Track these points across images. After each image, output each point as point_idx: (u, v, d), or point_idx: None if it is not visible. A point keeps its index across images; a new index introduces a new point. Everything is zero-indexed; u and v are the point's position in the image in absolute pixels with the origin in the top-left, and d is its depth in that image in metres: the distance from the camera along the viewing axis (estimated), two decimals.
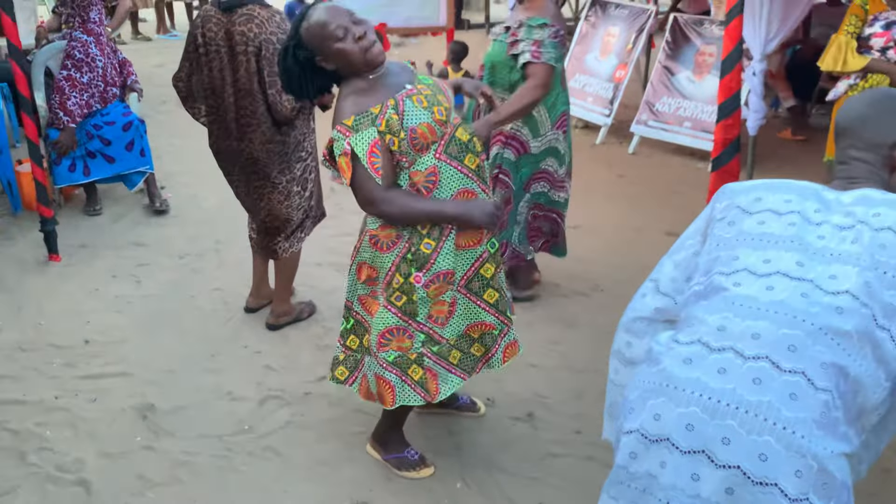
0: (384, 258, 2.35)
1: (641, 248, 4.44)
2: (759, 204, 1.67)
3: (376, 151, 2.19)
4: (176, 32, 10.12)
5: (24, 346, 3.34)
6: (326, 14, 2.21)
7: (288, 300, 3.54)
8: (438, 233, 2.32)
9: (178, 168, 5.52)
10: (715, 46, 5.90)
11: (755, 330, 1.46)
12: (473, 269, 2.39)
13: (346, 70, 2.27)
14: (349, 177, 2.21)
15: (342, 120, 2.22)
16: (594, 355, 3.35)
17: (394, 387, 2.39)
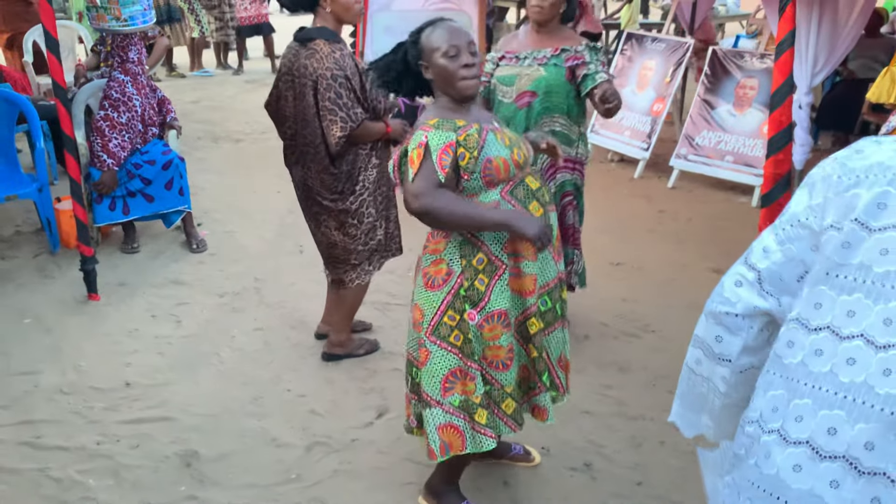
0: (434, 297, 2.27)
1: (689, 286, 4.32)
2: (886, 212, 1.22)
3: (449, 152, 2.16)
4: (209, 70, 10.22)
5: (65, 388, 3.28)
6: (451, 31, 2.27)
7: (345, 331, 3.51)
8: (493, 270, 2.24)
9: (215, 205, 5.49)
10: (756, 79, 5.82)
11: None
12: (523, 316, 2.31)
13: (440, 86, 2.29)
14: (415, 168, 2.15)
15: (425, 121, 2.24)
16: (650, 401, 3.23)
17: (463, 433, 2.29)
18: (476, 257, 2.25)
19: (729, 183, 5.90)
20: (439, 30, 2.27)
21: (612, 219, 5.28)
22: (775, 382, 1.29)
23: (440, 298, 2.26)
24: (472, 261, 2.24)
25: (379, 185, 3.25)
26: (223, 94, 9.06)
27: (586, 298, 4.13)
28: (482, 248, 2.25)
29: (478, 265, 2.24)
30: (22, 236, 4.89)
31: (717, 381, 1.49)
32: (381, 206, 3.28)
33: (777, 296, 1.38)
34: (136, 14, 4.37)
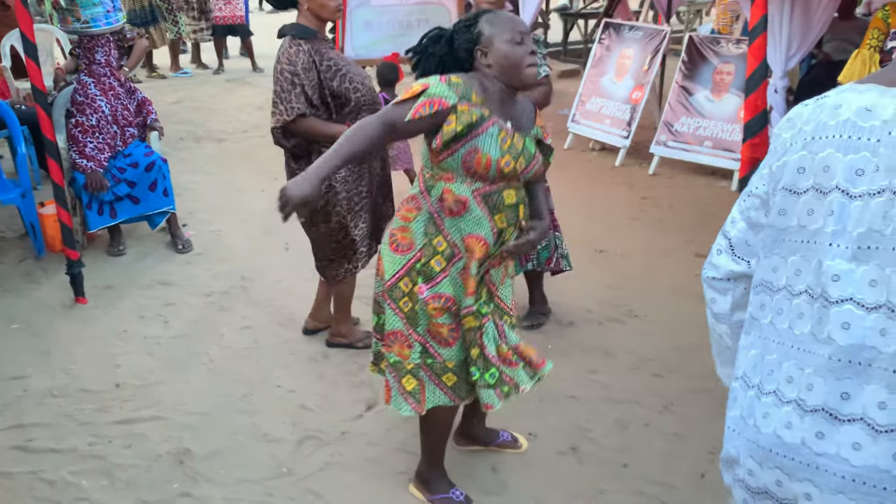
0: (396, 260, 2.35)
1: (672, 271, 4.39)
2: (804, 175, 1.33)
3: (433, 106, 2.17)
4: (188, 70, 10.18)
5: (55, 391, 3.30)
6: (515, 19, 2.28)
7: (344, 323, 3.56)
8: (450, 252, 2.32)
9: (200, 205, 5.50)
10: (732, 65, 5.88)
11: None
12: (465, 311, 2.33)
13: (497, 73, 2.26)
14: (402, 98, 2.21)
15: (452, 74, 2.24)
16: (635, 385, 3.29)
17: (390, 388, 2.45)
18: (437, 238, 2.31)
19: (709, 168, 5.96)
20: (502, 16, 2.27)
21: (595, 207, 5.33)
22: (755, 343, 1.42)
23: (400, 263, 2.34)
24: (433, 240, 2.31)
25: (355, 184, 3.25)
26: (204, 94, 9.04)
27: (571, 285, 4.19)
28: (442, 232, 2.31)
29: (437, 246, 2.31)
30: (6, 242, 4.88)
31: (723, 336, 1.65)
32: (355, 205, 3.26)
33: (747, 258, 1.51)
34: (98, 16, 4.37)
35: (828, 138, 1.30)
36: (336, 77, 3.10)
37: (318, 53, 3.09)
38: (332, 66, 3.10)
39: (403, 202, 2.41)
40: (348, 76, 3.14)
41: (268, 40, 6.51)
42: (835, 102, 1.32)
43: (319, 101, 3.10)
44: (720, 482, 2.66)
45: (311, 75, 3.05)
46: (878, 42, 4.28)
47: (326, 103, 3.13)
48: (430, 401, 2.40)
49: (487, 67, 2.26)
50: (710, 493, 2.64)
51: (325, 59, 3.09)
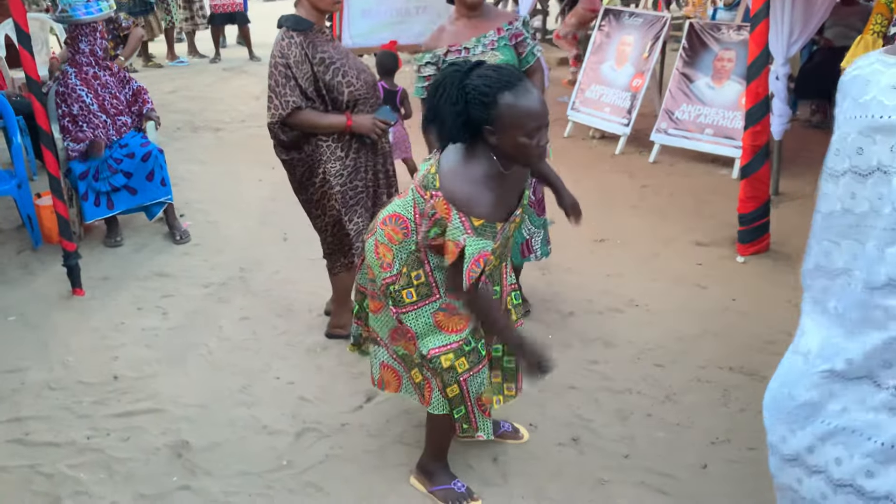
0: (378, 271, 2.35)
1: (672, 260, 4.36)
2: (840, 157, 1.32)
3: (480, 263, 2.09)
4: (184, 59, 10.12)
5: (53, 384, 3.28)
6: (538, 106, 2.03)
7: (344, 315, 3.52)
8: (427, 291, 2.30)
9: (197, 195, 5.47)
10: (734, 52, 5.83)
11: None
12: (437, 350, 2.30)
13: (503, 154, 2.09)
14: (451, 261, 2.12)
15: (470, 211, 2.08)
16: (635, 375, 3.27)
17: (400, 378, 2.48)
18: (416, 272, 2.28)
19: (710, 156, 5.92)
20: (524, 103, 2.00)
21: (595, 195, 5.30)
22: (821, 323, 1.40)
23: (381, 277, 2.35)
24: (411, 272, 2.28)
25: (349, 178, 3.21)
26: (201, 83, 8.98)
27: (570, 275, 4.16)
28: (425, 269, 2.28)
29: (415, 280, 2.29)
30: (2, 233, 4.85)
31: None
32: (350, 200, 3.23)
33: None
34: (78, 4, 4.32)
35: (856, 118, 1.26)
36: (329, 70, 3.06)
37: (312, 46, 3.05)
38: (326, 59, 3.06)
39: (390, 217, 2.32)
40: (342, 70, 3.09)
41: (266, 28, 6.46)
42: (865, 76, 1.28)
43: (315, 93, 3.07)
44: (722, 472, 2.66)
45: (304, 68, 3.03)
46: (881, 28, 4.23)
47: (322, 96, 3.09)
48: (435, 406, 2.40)
49: (494, 144, 2.08)
50: (711, 483, 2.62)
51: (318, 52, 3.05)
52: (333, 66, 3.07)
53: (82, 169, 4.42)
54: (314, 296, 3.84)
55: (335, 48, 3.16)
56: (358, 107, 3.14)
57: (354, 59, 3.23)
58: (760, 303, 3.83)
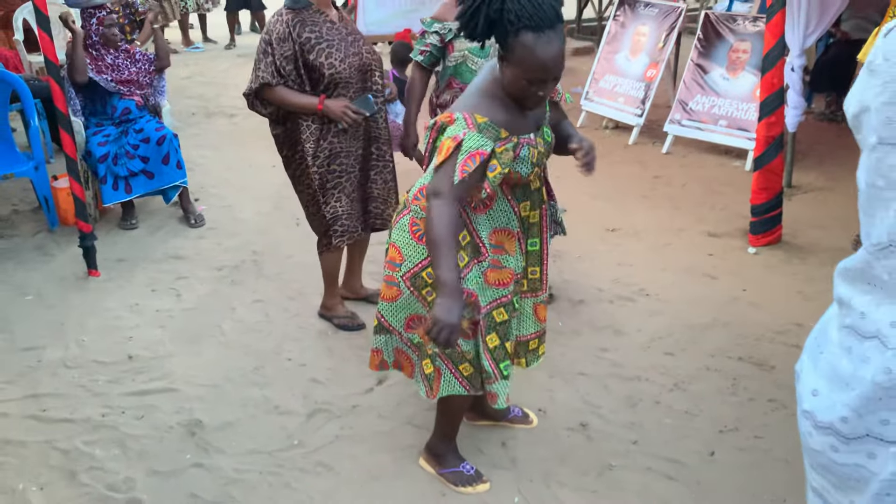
0: (420, 249, 2.29)
1: (684, 250, 4.37)
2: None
3: (476, 159, 2.07)
4: (199, 45, 10.15)
5: (69, 363, 3.33)
6: (550, 61, 1.99)
7: (328, 296, 3.60)
8: (473, 252, 2.29)
9: (211, 180, 5.51)
10: (749, 43, 5.81)
11: None
12: (488, 307, 2.33)
13: (505, 85, 2.10)
14: (440, 160, 2.10)
15: (475, 111, 2.10)
16: (645, 362, 3.29)
17: (413, 364, 2.49)
18: (461, 233, 2.27)
19: (723, 147, 5.91)
20: (539, 50, 1.97)
21: (607, 185, 5.30)
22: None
23: (424, 253, 2.27)
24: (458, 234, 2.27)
25: (326, 161, 3.21)
26: (216, 69, 9.02)
27: (582, 263, 4.18)
28: (468, 228, 2.28)
29: (461, 240, 2.27)
30: (20, 215, 4.91)
31: None
32: (327, 183, 3.24)
33: None
34: None
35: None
36: (314, 50, 3.07)
37: (301, 24, 3.06)
38: (312, 39, 3.06)
39: (422, 189, 2.30)
40: (326, 51, 3.08)
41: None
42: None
43: (294, 71, 3.10)
44: (729, 459, 2.68)
45: (286, 46, 3.06)
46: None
47: (300, 74, 3.11)
48: (445, 389, 2.40)
49: (501, 69, 2.11)
50: (718, 471, 2.64)
51: (305, 31, 3.06)
52: (318, 47, 3.07)
53: (102, 152, 4.48)
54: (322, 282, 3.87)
55: (332, 30, 3.12)
56: (338, 90, 3.14)
57: (353, 43, 3.18)
58: (771, 294, 3.83)
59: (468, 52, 3.29)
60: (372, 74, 3.24)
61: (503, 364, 2.38)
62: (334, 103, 3.11)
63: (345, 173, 3.27)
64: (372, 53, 3.26)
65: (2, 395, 3.11)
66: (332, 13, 3.18)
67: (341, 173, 3.26)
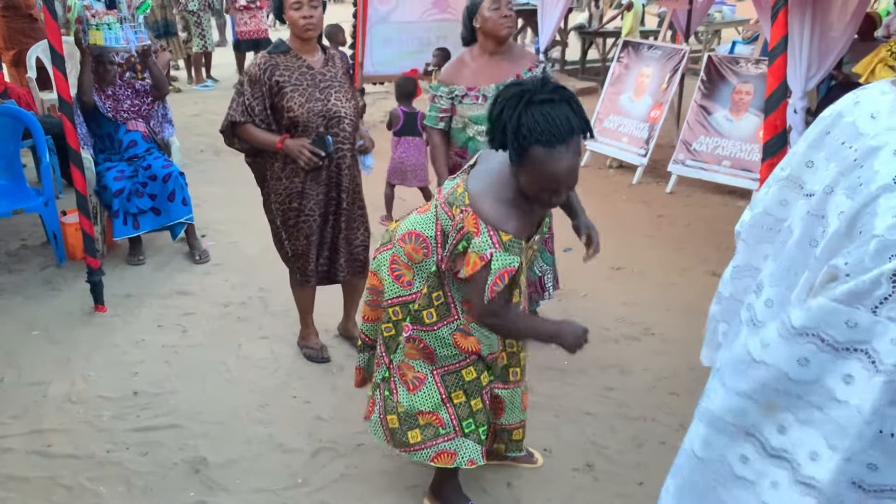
0: (393, 287, 2.39)
1: (688, 290, 4.37)
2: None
3: (505, 278, 2.11)
4: (209, 83, 10.27)
5: (74, 398, 3.33)
6: (563, 175, 2.02)
7: (303, 325, 3.69)
8: (444, 311, 2.33)
9: (219, 216, 5.55)
10: (752, 85, 5.88)
11: None
12: (456, 365, 2.37)
13: (520, 185, 2.13)
14: (470, 274, 2.14)
15: (500, 227, 2.11)
16: (650, 402, 3.28)
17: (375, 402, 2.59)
18: (436, 293, 2.32)
19: (727, 187, 5.95)
20: (552, 165, 2.00)
21: (612, 224, 5.33)
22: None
23: (396, 293, 2.38)
24: (432, 293, 2.32)
25: (287, 199, 3.30)
26: (223, 107, 9.09)
27: (587, 302, 4.19)
28: (444, 289, 2.32)
29: (435, 300, 2.32)
30: (28, 250, 4.95)
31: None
32: (289, 220, 3.34)
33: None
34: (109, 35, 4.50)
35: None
36: (279, 93, 3.16)
37: (273, 68, 3.16)
38: (280, 83, 3.16)
39: (410, 234, 2.33)
40: (289, 95, 3.14)
41: None
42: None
43: (263, 112, 3.21)
44: None
45: (256, 88, 3.18)
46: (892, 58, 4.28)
47: (268, 115, 3.22)
48: (371, 427, 2.56)
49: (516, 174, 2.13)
50: None
51: (276, 75, 3.15)
52: (283, 90, 3.16)
53: (118, 186, 4.56)
54: (330, 317, 3.88)
55: (304, 75, 3.19)
56: (299, 133, 3.21)
57: (324, 90, 3.20)
58: None
59: (468, 119, 3.33)
60: (339, 122, 3.23)
61: (466, 422, 2.40)
62: (292, 142, 3.19)
63: (303, 214, 3.32)
64: (345, 102, 3.25)
65: (6, 429, 3.11)
66: (313, 58, 3.24)
67: (299, 213, 3.32)
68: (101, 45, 4.49)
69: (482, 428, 2.43)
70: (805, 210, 1.59)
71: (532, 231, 2.26)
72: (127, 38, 4.55)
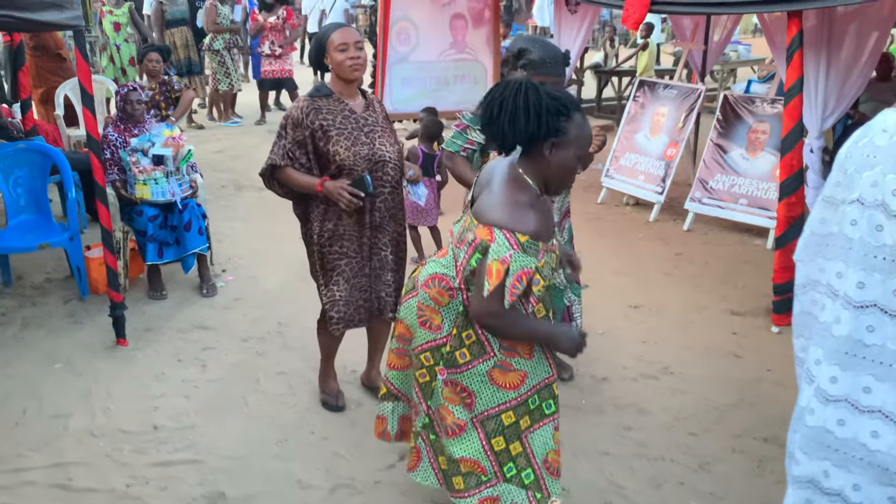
0: (422, 333, 2.40)
1: (707, 329, 4.36)
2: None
3: (524, 280, 2.14)
4: (237, 119, 10.41)
5: (95, 431, 3.36)
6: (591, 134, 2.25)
7: (323, 368, 3.65)
8: (479, 350, 2.32)
9: (239, 251, 5.62)
10: (768, 124, 5.92)
11: None
12: (496, 409, 2.35)
13: (547, 171, 2.22)
14: (492, 285, 2.14)
15: (515, 228, 2.15)
16: (669, 442, 3.26)
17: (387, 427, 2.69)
18: (466, 332, 2.32)
19: (744, 225, 5.95)
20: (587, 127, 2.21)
21: (630, 262, 5.35)
22: None
23: (426, 339, 2.39)
24: (462, 333, 2.32)
25: (328, 242, 3.24)
26: (246, 144, 9.27)
27: (605, 340, 4.19)
28: (475, 327, 2.31)
29: (466, 339, 2.32)
30: (52, 283, 5.02)
31: None
32: (327, 265, 3.27)
33: None
34: (159, 187, 4.70)
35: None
36: (324, 137, 3.11)
37: (317, 111, 3.11)
38: (324, 126, 3.10)
39: (433, 278, 2.37)
40: (335, 139, 3.10)
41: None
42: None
43: (304, 156, 3.16)
44: None
45: (298, 132, 3.13)
46: None
47: (309, 159, 3.16)
48: (417, 478, 2.49)
49: (543, 160, 2.20)
50: None
51: (318, 119, 3.11)
52: (329, 134, 3.11)
53: (153, 213, 4.65)
54: (349, 353, 3.90)
55: (348, 119, 3.15)
56: (343, 177, 3.15)
57: (368, 133, 3.17)
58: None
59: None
60: (384, 166, 3.20)
61: (507, 467, 2.37)
62: (332, 184, 3.11)
63: (345, 257, 3.25)
64: (389, 146, 3.24)
65: (28, 462, 3.14)
66: (354, 102, 3.21)
67: (341, 256, 3.24)
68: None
69: (525, 472, 2.38)
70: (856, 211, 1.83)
71: (550, 231, 2.27)
72: (173, 192, 4.70)
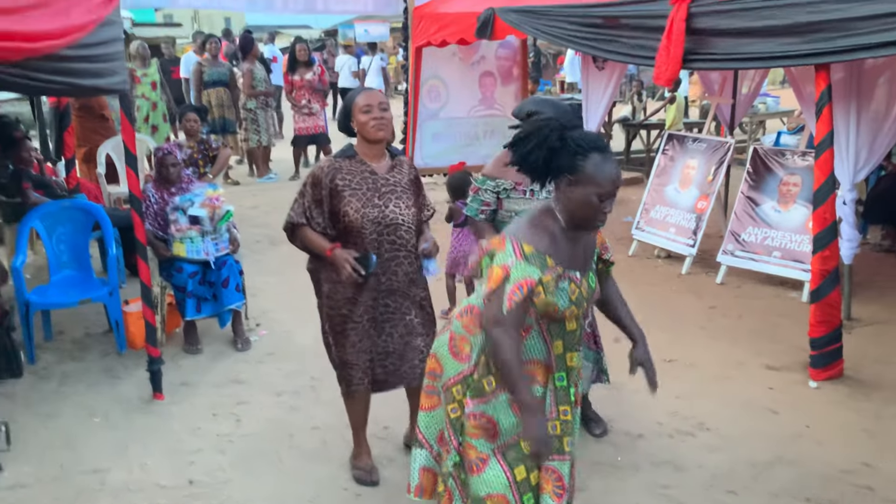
0: (454, 365, 2.45)
1: (743, 383, 4.30)
2: None
3: (523, 289, 2.21)
4: (273, 175, 10.61)
5: (132, 486, 3.39)
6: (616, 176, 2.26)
7: (355, 442, 3.52)
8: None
9: (273, 305, 5.70)
10: (799, 176, 5.90)
11: None
12: (516, 438, 2.37)
13: (566, 209, 2.30)
14: (490, 288, 2.25)
15: (523, 241, 2.26)
16: (707, 500, 3.20)
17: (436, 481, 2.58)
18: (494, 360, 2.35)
19: (778, 278, 5.90)
20: (608, 167, 2.24)
21: (663, 315, 5.31)
22: None
23: (457, 370, 2.44)
24: (490, 360, 2.36)
25: (337, 304, 3.26)
26: (281, 199, 9.39)
27: (639, 396, 4.14)
28: None
29: (492, 366, 2.36)
30: (91, 338, 5.13)
31: None
32: (336, 326, 3.28)
33: None
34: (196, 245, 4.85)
35: None
36: (337, 197, 3.15)
37: (337, 171, 3.16)
38: (339, 186, 3.14)
39: (466, 309, 2.48)
40: (347, 199, 3.13)
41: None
42: None
43: (321, 215, 3.20)
44: None
45: (317, 191, 3.17)
46: None
47: (325, 218, 3.20)
48: None
49: (563, 195, 2.29)
50: None
51: (337, 178, 3.15)
52: (343, 195, 3.14)
53: (193, 269, 4.77)
54: (381, 406, 3.89)
55: (366, 180, 3.17)
56: (352, 238, 3.17)
57: (383, 195, 3.18)
58: (836, 430, 3.73)
59: (516, 214, 3.35)
60: (396, 229, 3.19)
61: (526, 497, 2.39)
62: (340, 253, 3.13)
63: (350, 321, 3.24)
64: (405, 209, 3.22)
65: None
66: (379, 163, 3.22)
67: (348, 320, 3.24)
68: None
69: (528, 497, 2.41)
70: None
71: (570, 260, 2.30)
72: (207, 251, 4.84)
